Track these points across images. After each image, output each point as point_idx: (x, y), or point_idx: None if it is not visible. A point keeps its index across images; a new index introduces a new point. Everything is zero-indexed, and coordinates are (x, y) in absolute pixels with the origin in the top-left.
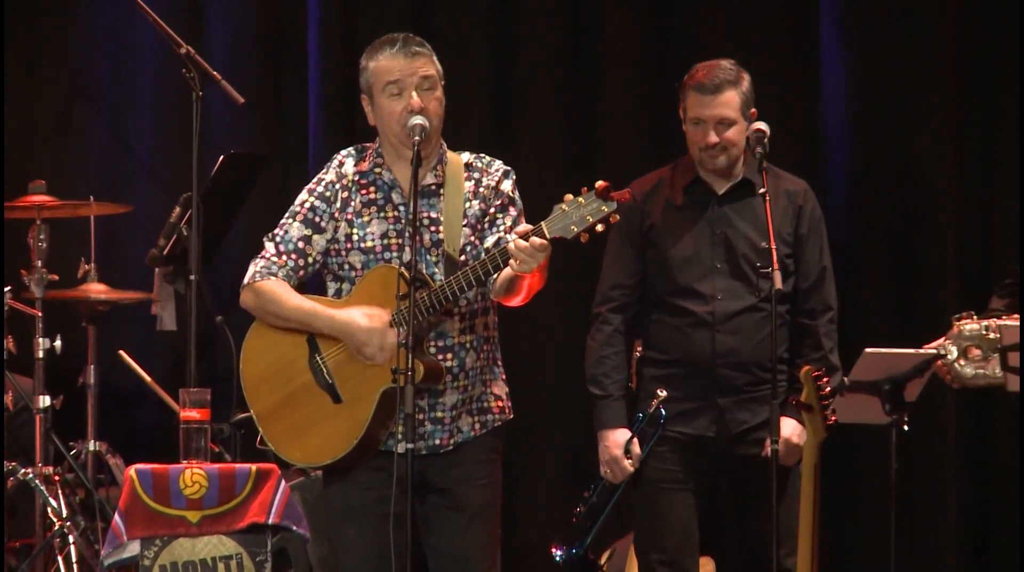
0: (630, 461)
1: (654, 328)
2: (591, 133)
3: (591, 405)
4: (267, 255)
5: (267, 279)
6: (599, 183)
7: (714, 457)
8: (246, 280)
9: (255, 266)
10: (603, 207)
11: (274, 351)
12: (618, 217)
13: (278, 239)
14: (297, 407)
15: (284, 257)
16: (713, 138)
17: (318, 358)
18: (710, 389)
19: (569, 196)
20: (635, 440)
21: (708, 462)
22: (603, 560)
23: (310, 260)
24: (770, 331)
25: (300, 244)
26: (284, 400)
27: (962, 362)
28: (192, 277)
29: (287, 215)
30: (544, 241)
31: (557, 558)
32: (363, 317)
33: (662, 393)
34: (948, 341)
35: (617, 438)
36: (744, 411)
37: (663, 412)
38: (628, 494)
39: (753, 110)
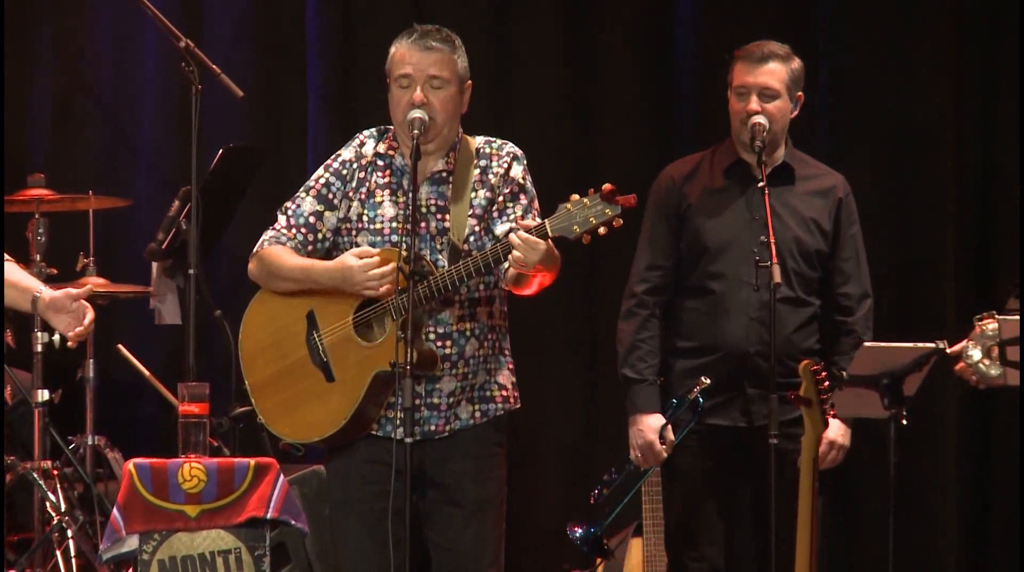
0: (664, 447)
1: (686, 316)
2: (591, 128)
3: (624, 389)
4: (278, 227)
5: (273, 246)
6: (605, 186)
7: (746, 449)
8: (255, 249)
9: (264, 236)
10: (607, 210)
11: (273, 324)
12: (621, 222)
13: (290, 212)
14: (290, 382)
15: (294, 230)
16: (754, 105)
17: (315, 336)
18: (742, 378)
19: (575, 196)
20: (669, 426)
21: (741, 454)
22: (613, 545)
23: (320, 236)
24: (801, 322)
25: (311, 219)
26: (278, 374)
27: (986, 362)
28: (191, 271)
29: (302, 189)
30: (537, 240)
31: (576, 537)
32: (355, 256)
33: (705, 381)
34: (970, 342)
35: (651, 423)
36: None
37: (701, 400)
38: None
39: (800, 94)
